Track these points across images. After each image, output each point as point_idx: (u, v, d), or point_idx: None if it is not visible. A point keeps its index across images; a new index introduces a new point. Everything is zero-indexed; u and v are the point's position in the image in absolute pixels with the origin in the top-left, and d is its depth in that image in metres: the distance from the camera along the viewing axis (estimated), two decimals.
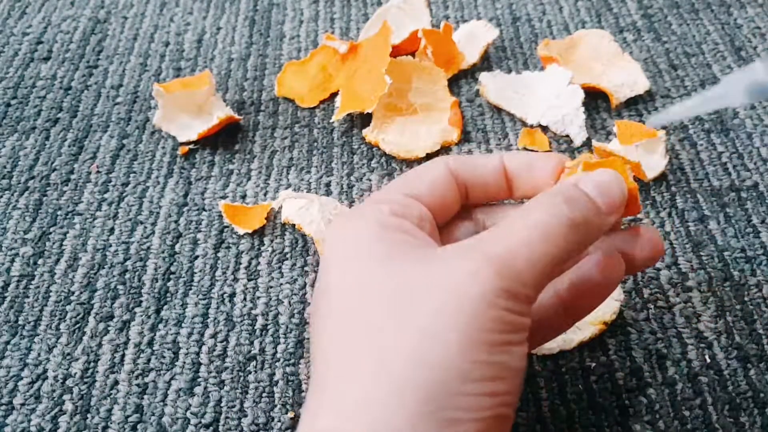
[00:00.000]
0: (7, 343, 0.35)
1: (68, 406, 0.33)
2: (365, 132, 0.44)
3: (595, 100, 0.46)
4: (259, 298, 0.37)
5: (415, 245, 0.24)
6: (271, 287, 0.37)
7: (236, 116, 0.45)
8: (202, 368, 0.34)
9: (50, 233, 0.40)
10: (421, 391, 0.21)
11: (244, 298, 0.37)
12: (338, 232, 0.26)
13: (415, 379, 0.21)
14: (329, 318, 0.24)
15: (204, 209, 0.41)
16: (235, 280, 0.37)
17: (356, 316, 0.23)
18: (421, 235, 0.25)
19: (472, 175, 0.28)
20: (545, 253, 0.23)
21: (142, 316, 0.36)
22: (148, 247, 0.39)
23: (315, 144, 0.45)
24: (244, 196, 0.42)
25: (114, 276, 0.38)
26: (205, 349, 0.35)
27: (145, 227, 0.40)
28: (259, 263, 0.38)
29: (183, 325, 0.36)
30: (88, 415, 0.32)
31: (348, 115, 0.45)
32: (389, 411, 0.21)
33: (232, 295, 0.37)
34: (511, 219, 0.24)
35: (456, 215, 0.28)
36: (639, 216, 0.39)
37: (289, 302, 0.36)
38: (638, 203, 0.26)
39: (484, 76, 0.47)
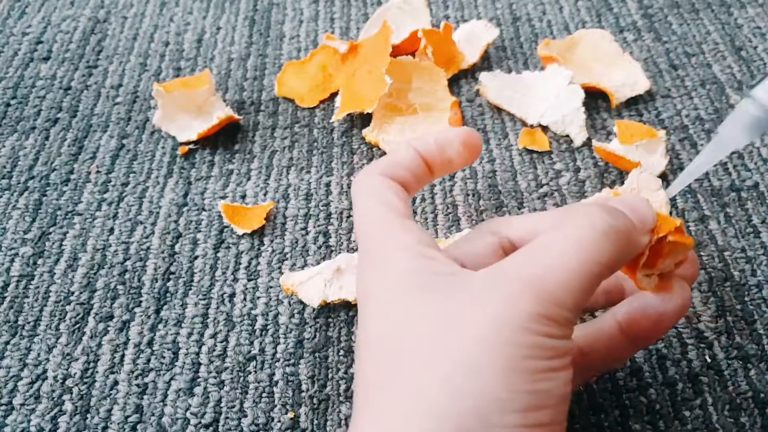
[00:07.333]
0: (7, 343, 0.35)
1: (68, 407, 0.33)
2: (365, 132, 0.44)
3: (595, 100, 0.45)
4: (258, 298, 0.37)
5: (445, 273, 0.23)
6: (271, 287, 0.37)
7: (236, 116, 0.45)
8: (202, 368, 0.34)
9: (50, 233, 0.40)
10: (457, 422, 0.21)
11: (244, 298, 0.37)
12: (372, 267, 0.25)
13: (451, 409, 0.21)
14: (369, 350, 0.24)
15: (204, 209, 0.41)
16: (235, 280, 0.37)
17: (394, 352, 0.23)
18: (449, 261, 0.24)
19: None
20: (581, 268, 0.22)
21: (141, 316, 0.36)
22: (148, 247, 0.39)
23: (315, 144, 0.45)
24: (243, 196, 0.42)
25: (114, 276, 0.38)
26: (204, 349, 0.35)
27: (145, 227, 0.40)
28: (258, 263, 0.38)
29: (183, 325, 0.36)
30: (88, 416, 0.32)
31: (348, 115, 0.45)
32: None
33: (232, 295, 0.37)
34: (543, 237, 0.23)
35: None
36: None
37: (289, 302, 0.36)
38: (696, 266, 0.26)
39: (484, 76, 0.47)
